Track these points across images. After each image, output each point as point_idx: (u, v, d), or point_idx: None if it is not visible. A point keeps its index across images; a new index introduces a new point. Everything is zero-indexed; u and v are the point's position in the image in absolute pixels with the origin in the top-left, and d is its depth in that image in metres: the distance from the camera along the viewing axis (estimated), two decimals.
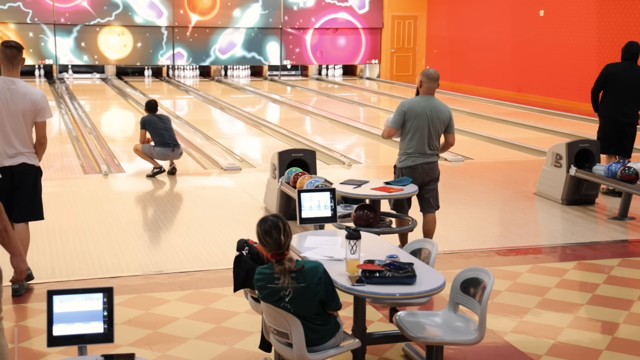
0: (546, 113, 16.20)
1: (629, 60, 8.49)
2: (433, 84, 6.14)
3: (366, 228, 5.52)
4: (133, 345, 4.58)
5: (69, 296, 3.22)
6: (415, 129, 6.09)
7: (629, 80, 8.42)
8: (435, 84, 6.16)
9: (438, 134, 6.18)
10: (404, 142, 6.19)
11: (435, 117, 6.11)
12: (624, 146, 8.57)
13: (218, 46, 23.14)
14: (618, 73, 8.49)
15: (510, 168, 10.47)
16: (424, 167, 6.19)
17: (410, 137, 6.13)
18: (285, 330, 3.64)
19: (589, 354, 4.57)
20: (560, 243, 6.97)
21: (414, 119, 6.08)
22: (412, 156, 6.16)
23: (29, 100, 5.33)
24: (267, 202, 7.83)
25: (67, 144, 11.98)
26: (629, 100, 8.45)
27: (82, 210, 7.87)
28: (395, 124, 6.15)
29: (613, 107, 8.50)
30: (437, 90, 6.29)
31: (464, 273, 4.11)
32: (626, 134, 8.56)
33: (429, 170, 6.23)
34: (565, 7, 17.65)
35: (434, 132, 6.13)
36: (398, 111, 6.15)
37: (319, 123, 14.95)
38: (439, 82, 6.21)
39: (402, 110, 6.12)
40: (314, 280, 3.63)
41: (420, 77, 6.17)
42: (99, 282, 5.66)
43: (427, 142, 6.12)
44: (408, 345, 4.52)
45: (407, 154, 6.17)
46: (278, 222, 3.68)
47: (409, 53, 24.36)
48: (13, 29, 21.34)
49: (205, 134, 12.86)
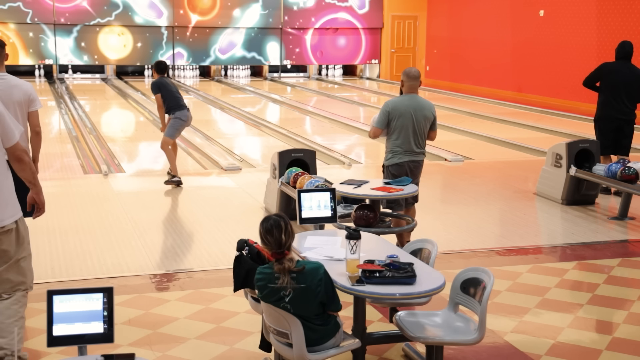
0: (546, 113, 16.20)
1: (622, 59, 8.58)
2: (414, 82, 6.25)
3: (366, 228, 5.52)
4: (133, 345, 4.58)
5: (69, 296, 3.22)
6: (400, 127, 6.19)
7: (624, 79, 8.48)
8: (417, 82, 6.27)
9: (423, 131, 6.28)
10: (390, 141, 6.30)
11: (420, 115, 6.21)
12: (622, 145, 8.59)
13: (218, 46, 23.15)
14: (613, 71, 8.57)
15: (510, 168, 10.47)
16: (410, 165, 6.30)
17: (396, 136, 6.23)
18: (285, 330, 3.64)
19: (589, 354, 4.57)
20: (560, 243, 6.97)
21: (399, 118, 6.18)
22: (398, 154, 6.26)
23: (21, 91, 5.39)
24: (267, 202, 7.83)
25: (67, 144, 11.98)
26: (625, 98, 8.50)
27: (82, 210, 7.87)
28: (380, 123, 6.26)
29: (609, 105, 8.55)
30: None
31: (464, 273, 4.11)
32: (624, 132, 8.59)
33: (414, 169, 6.34)
34: (565, 7, 17.65)
35: (419, 130, 6.23)
36: (382, 111, 6.26)
37: (319, 123, 14.95)
38: (420, 80, 6.34)
39: (386, 110, 6.23)
40: (314, 281, 3.63)
41: (402, 77, 6.30)
42: (99, 282, 5.66)
43: (412, 140, 6.22)
44: (408, 345, 4.52)
45: (394, 152, 6.28)
46: (280, 222, 3.68)
47: (409, 53, 24.36)
48: (13, 29, 21.35)
49: (205, 134, 12.86)
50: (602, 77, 8.63)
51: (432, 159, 10.73)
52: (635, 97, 8.54)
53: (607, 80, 8.56)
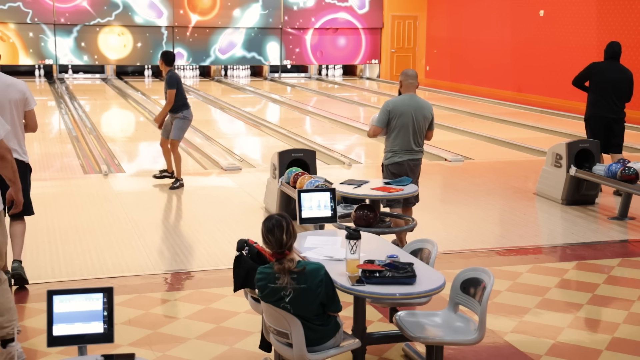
0: (546, 113, 16.20)
1: (611, 59, 8.68)
2: (413, 80, 6.37)
3: (366, 228, 5.52)
4: (133, 345, 4.58)
5: (69, 296, 3.22)
6: (400, 126, 6.27)
7: (613, 78, 8.57)
8: (415, 81, 6.39)
9: (422, 130, 6.37)
10: (390, 140, 6.36)
11: (420, 115, 6.30)
12: (612, 144, 8.64)
13: (218, 46, 23.15)
14: (602, 71, 8.67)
15: (510, 168, 10.47)
16: (410, 164, 6.37)
17: (396, 135, 6.30)
18: (285, 330, 3.64)
19: (589, 354, 4.57)
20: (560, 243, 6.97)
21: (399, 117, 6.26)
22: (398, 153, 6.33)
23: (16, 90, 5.39)
24: (267, 202, 7.83)
25: (67, 144, 11.98)
26: (615, 97, 8.58)
27: (82, 210, 7.87)
28: (381, 122, 6.32)
29: (599, 104, 8.62)
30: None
31: (464, 273, 4.11)
32: (614, 131, 8.65)
33: (414, 167, 6.42)
34: (565, 7, 17.65)
35: (418, 129, 6.31)
36: (383, 110, 6.33)
37: (319, 123, 14.95)
38: (417, 79, 6.45)
39: (386, 109, 6.31)
40: (314, 281, 3.63)
41: (400, 77, 6.43)
42: (99, 282, 5.66)
43: (412, 139, 6.30)
44: (408, 345, 4.52)
45: (394, 151, 6.34)
46: (282, 221, 3.68)
47: (409, 53, 24.36)
48: (13, 29, 21.35)
49: (205, 134, 12.86)
50: (591, 76, 8.74)
51: (432, 159, 10.73)
52: (625, 96, 8.65)
53: (596, 79, 8.66)
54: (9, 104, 5.33)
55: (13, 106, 5.36)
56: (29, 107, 5.49)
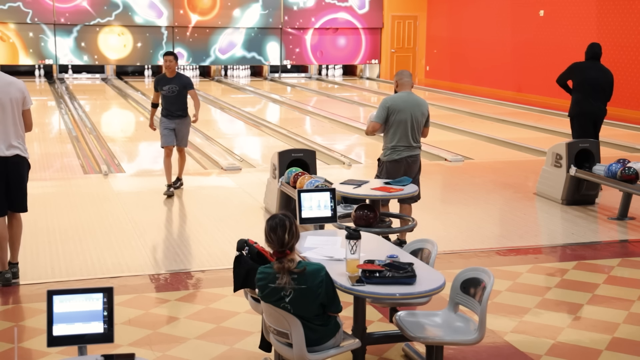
0: (546, 113, 16.20)
1: (592, 59, 8.86)
2: (408, 79, 6.53)
3: (366, 228, 5.52)
4: (133, 345, 4.58)
5: (69, 296, 3.22)
6: (398, 123, 6.37)
7: (596, 77, 8.71)
8: (410, 80, 6.57)
9: (420, 126, 6.48)
10: (388, 136, 6.45)
11: (417, 111, 6.41)
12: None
13: (218, 46, 23.15)
14: (584, 70, 8.82)
15: (510, 168, 10.47)
16: (408, 160, 6.45)
17: (394, 131, 6.39)
18: (285, 330, 3.64)
19: (589, 354, 4.57)
20: (560, 243, 6.97)
21: (397, 114, 6.36)
22: (397, 149, 6.41)
23: (16, 88, 5.46)
24: (267, 202, 7.83)
25: (67, 144, 11.98)
26: (599, 96, 8.70)
27: (82, 210, 7.87)
28: (380, 118, 6.41)
29: (584, 102, 8.75)
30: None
31: (464, 273, 4.11)
32: (596, 127, 8.81)
33: (412, 163, 6.49)
34: (565, 7, 17.64)
35: (415, 125, 6.42)
36: (382, 106, 6.43)
37: (319, 123, 14.95)
38: (412, 79, 6.62)
39: (385, 106, 6.41)
40: (315, 282, 3.63)
41: (395, 78, 6.60)
42: (99, 282, 5.66)
43: (410, 135, 6.40)
44: (408, 345, 4.52)
45: (393, 148, 6.42)
46: (285, 221, 3.68)
47: (409, 53, 24.35)
48: (13, 29, 21.35)
49: (205, 134, 12.86)
50: (574, 75, 8.90)
51: (432, 158, 10.73)
52: (607, 95, 8.77)
53: (579, 78, 8.81)
54: (10, 102, 5.39)
55: (14, 104, 5.40)
56: (26, 106, 5.54)
